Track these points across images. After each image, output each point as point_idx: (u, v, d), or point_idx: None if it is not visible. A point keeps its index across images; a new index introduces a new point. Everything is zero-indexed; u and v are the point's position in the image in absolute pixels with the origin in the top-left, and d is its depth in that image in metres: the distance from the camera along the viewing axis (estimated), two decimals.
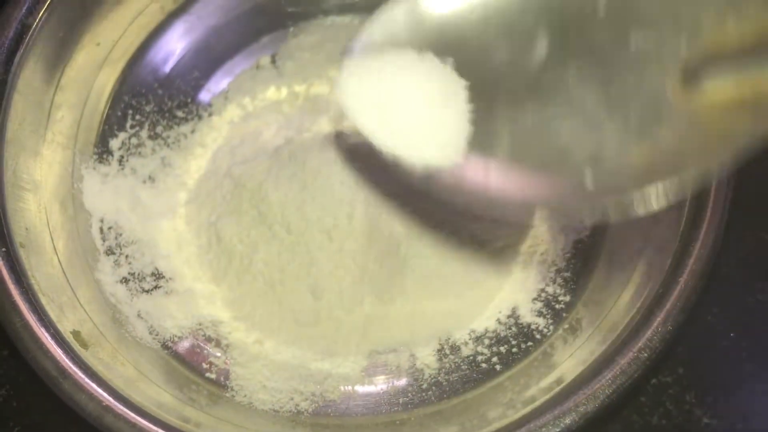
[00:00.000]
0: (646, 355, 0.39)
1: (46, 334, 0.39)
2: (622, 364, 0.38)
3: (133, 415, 0.38)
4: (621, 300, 0.43)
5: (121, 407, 0.38)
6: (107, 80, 0.52)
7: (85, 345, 0.40)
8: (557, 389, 0.40)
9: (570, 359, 0.44)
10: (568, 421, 0.38)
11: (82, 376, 0.38)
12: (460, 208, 0.46)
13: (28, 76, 0.46)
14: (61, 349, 0.39)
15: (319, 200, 0.47)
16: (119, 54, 0.52)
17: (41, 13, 0.46)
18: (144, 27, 0.53)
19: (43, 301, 0.40)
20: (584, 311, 0.46)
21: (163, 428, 0.38)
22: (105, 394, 0.38)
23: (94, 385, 0.38)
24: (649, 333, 0.39)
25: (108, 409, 0.38)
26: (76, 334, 0.41)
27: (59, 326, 0.40)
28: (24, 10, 0.45)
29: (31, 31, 0.46)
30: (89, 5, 0.49)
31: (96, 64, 0.51)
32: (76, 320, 0.42)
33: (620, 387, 0.38)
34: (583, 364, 0.41)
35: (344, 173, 0.48)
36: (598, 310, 0.45)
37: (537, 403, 0.39)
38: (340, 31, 0.57)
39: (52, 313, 0.40)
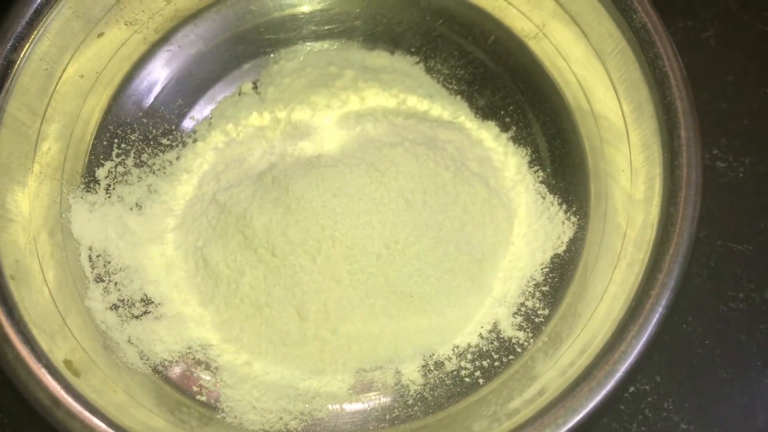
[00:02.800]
0: (622, 366, 0.40)
1: (39, 365, 0.40)
2: (599, 376, 0.40)
3: None
4: (597, 312, 0.45)
5: None
6: (92, 111, 0.53)
7: (76, 373, 0.41)
8: (538, 401, 0.41)
9: (551, 371, 0.45)
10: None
11: (75, 404, 0.39)
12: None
13: (14, 109, 0.47)
14: (54, 379, 0.40)
15: (302, 224, 0.49)
16: (103, 85, 0.53)
17: (25, 48, 0.47)
18: (127, 58, 0.54)
19: (35, 331, 0.41)
20: (562, 324, 0.48)
21: None
22: (97, 421, 0.39)
23: (86, 413, 0.39)
24: (623, 346, 0.40)
25: None
26: (68, 363, 0.42)
27: (51, 356, 0.41)
28: (9, 46, 0.46)
29: (16, 65, 0.47)
30: (72, 40, 0.50)
31: (81, 95, 0.52)
32: (68, 349, 0.43)
33: (598, 399, 0.40)
34: (563, 376, 0.42)
35: (326, 196, 0.49)
36: (576, 323, 0.47)
37: (519, 417, 0.41)
38: (320, 56, 0.58)
39: (44, 343, 0.41)
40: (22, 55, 0.47)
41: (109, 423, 0.39)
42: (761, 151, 0.57)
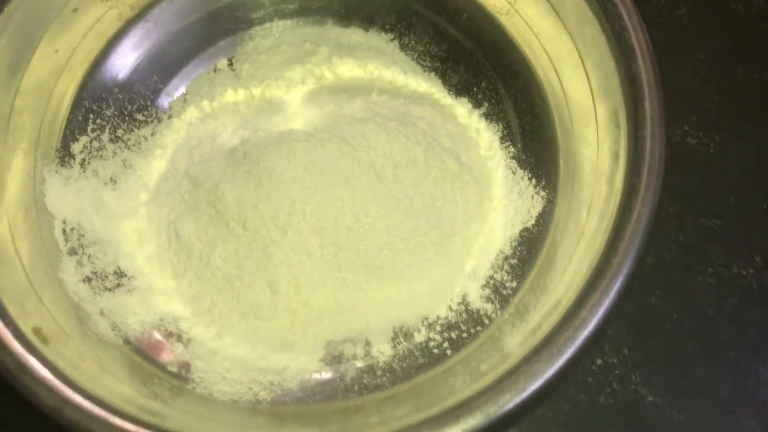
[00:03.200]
0: (581, 334, 0.41)
1: (6, 330, 0.40)
2: (558, 343, 0.40)
3: (91, 406, 0.39)
4: (562, 283, 0.45)
5: (80, 399, 0.39)
6: (67, 86, 0.53)
7: (45, 341, 0.42)
8: (498, 369, 0.41)
9: (517, 342, 0.45)
10: (507, 398, 0.39)
11: (42, 370, 0.39)
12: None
13: None
14: (22, 345, 0.40)
15: (273, 197, 0.49)
16: (78, 60, 0.54)
17: None
18: (102, 34, 0.55)
19: (3, 299, 0.42)
20: (530, 296, 0.48)
21: (122, 418, 0.40)
22: (64, 387, 0.39)
23: (53, 378, 0.39)
24: (583, 313, 0.41)
25: (67, 401, 0.39)
26: (36, 330, 0.42)
27: (20, 323, 0.41)
28: None
29: None
30: (46, 14, 0.50)
31: (55, 70, 0.52)
32: (38, 317, 0.43)
33: (558, 365, 0.40)
34: (527, 344, 0.43)
35: (297, 170, 0.49)
36: (543, 295, 0.47)
37: (479, 384, 0.41)
38: (295, 34, 0.59)
39: (13, 311, 0.42)
40: None
41: (76, 388, 0.40)
42: (732, 127, 0.57)
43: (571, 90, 0.51)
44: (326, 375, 0.49)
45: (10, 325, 0.41)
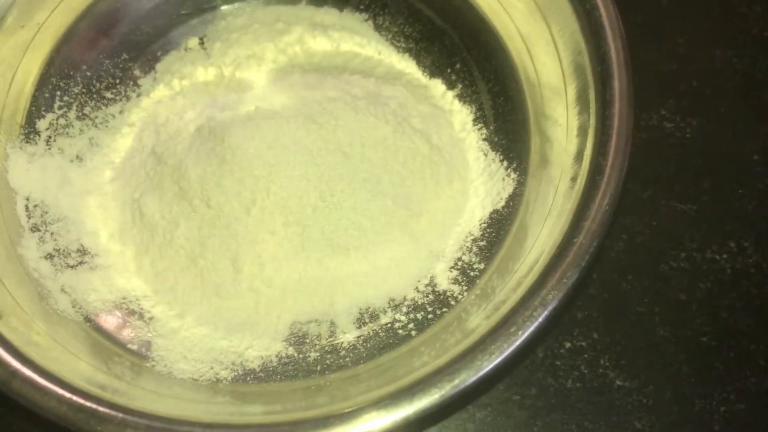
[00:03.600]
0: (541, 312, 0.40)
1: None
2: (518, 321, 0.40)
3: (41, 379, 0.39)
4: (525, 263, 0.45)
5: (29, 372, 0.39)
6: (34, 62, 0.53)
7: None
8: (458, 347, 0.41)
9: (481, 322, 0.45)
10: (464, 376, 0.39)
11: None
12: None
13: None
14: None
15: (237, 175, 0.49)
16: (46, 36, 0.53)
17: None
18: (72, 10, 0.54)
19: None
20: (496, 278, 0.48)
21: (73, 393, 0.39)
22: (12, 360, 0.39)
23: (1, 350, 0.39)
24: (543, 292, 0.40)
25: (15, 374, 0.38)
26: None
27: None
28: None
29: None
30: None
31: (21, 46, 0.52)
32: None
33: (517, 345, 0.40)
34: (488, 322, 0.42)
35: (262, 148, 0.49)
36: (509, 278, 0.46)
37: (440, 360, 0.41)
38: (268, 12, 0.58)
39: None
40: None
41: (24, 361, 0.39)
42: (709, 112, 0.57)
43: (543, 71, 0.51)
44: (289, 355, 0.48)
45: None
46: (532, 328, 0.40)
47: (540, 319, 0.40)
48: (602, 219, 0.42)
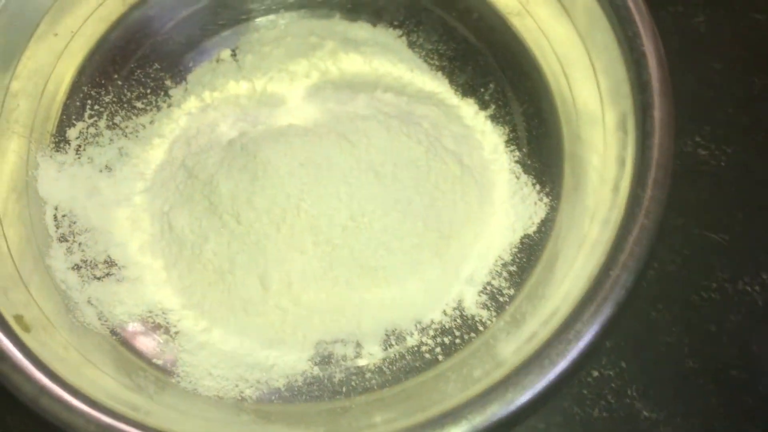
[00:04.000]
0: (575, 347, 0.39)
1: None
2: (551, 355, 0.39)
3: (69, 397, 0.38)
4: (559, 292, 0.44)
5: (58, 389, 0.38)
6: (66, 70, 0.53)
7: (27, 328, 0.41)
8: (490, 377, 0.40)
9: (511, 350, 0.44)
10: (495, 409, 0.38)
11: (20, 357, 0.39)
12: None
13: None
14: (1, 331, 0.39)
15: (268, 191, 0.48)
16: (79, 45, 0.53)
17: None
18: (104, 19, 0.54)
19: None
20: (527, 304, 0.47)
21: (101, 411, 0.39)
22: (41, 376, 0.38)
23: (31, 366, 0.38)
24: (578, 325, 0.39)
25: (44, 390, 0.38)
26: (18, 318, 0.41)
27: (1, 310, 0.40)
28: None
29: None
30: None
31: (54, 53, 0.52)
32: (21, 304, 0.43)
33: (550, 378, 0.39)
34: (520, 354, 0.42)
35: (294, 165, 0.48)
36: (540, 303, 0.46)
37: (470, 391, 0.40)
38: (301, 26, 0.57)
39: None
40: None
41: (54, 378, 0.39)
42: (744, 140, 0.56)
43: (580, 95, 0.50)
44: (314, 375, 0.48)
45: None
46: (566, 362, 0.39)
47: (574, 354, 0.39)
48: (640, 253, 0.41)
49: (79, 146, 0.52)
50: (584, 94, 0.50)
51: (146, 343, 0.48)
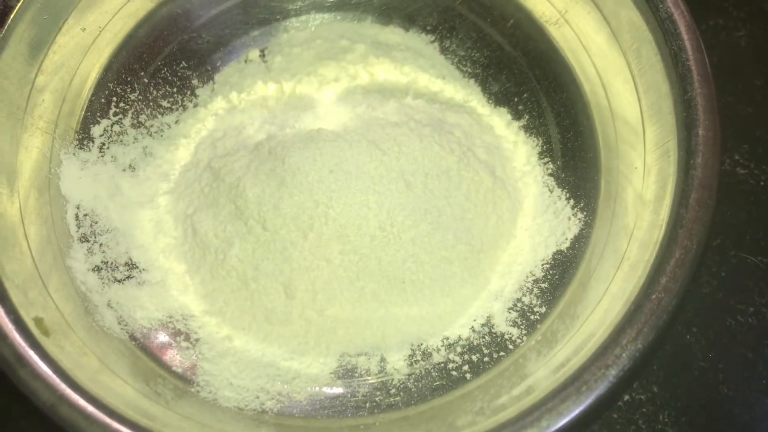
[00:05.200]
0: (613, 372, 0.38)
1: (7, 319, 0.38)
2: (590, 381, 0.38)
3: (88, 406, 0.37)
4: (595, 313, 0.43)
5: (77, 398, 0.37)
6: (92, 66, 0.51)
7: (46, 332, 0.40)
8: (525, 400, 0.39)
9: (542, 370, 0.43)
10: None
11: (40, 363, 0.37)
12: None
13: (9, 57, 0.45)
14: (21, 336, 0.38)
15: (296, 198, 0.47)
16: (106, 41, 0.52)
17: None
18: (132, 15, 0.53)
19: (7, 285, 0.40)
20: (559, 323, 0.46)
21: (119, 422, 0.38)
22: (62, 384, 0.37)
23: (51, 373, 0.37)
24: (617, 350, 0.38)
25: (63, 399, 0.37)
26: (38, 321, 0.40)
27: (21, 311, 0.39)
28: None
29: (15, 12, 0.45)
30: None
31: (81, 49, 0.50)
32: (41, 307, 0.41)
33: (586, 404, 0.37)
34: (553, 376, 0.40)
35: (323, 172, 0.47)
36: (573, 323, 0.44)
37: (503, 415, 0.39)
38: (332, 28, 0.56)
39: (15, 299, 0.40)
40: (21, 2, 0.45)
41: (74, 386, 0.37)
42: None
43: (619, 109, 0.48)
44: (337, 389, 0.46)
45: (12, 313, 0.39)
46: (603, 389, 0.38)
47: (612, 380, 0.38)
48: (682, 275, 0.39)
49: (103, 144, 0.51)
50: (624, 108, 0.48)
51: (166, 350, 0.47)
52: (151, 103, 0.53)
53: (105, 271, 0.48)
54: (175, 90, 0.54)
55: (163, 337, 0.47)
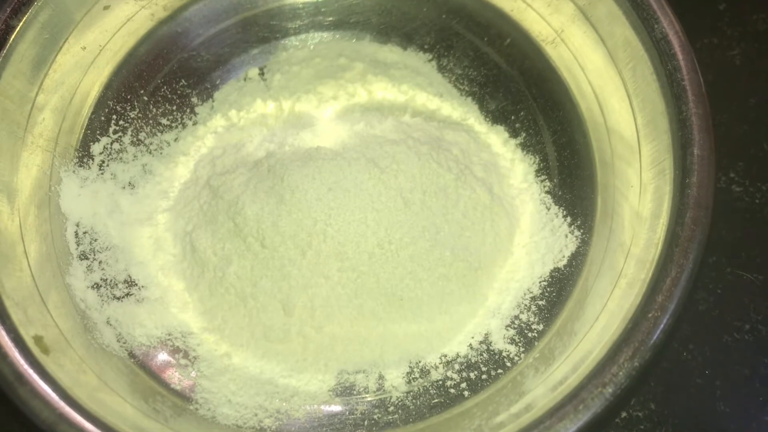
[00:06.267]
0: (610, 390, 0.38)
1: (7, 338, 0.38)
2: (587, 398, 0.38)
3: (88, 424, 0.37)
4: (592, 331, 0.43)
5: (77, 416, 0.37)
6: (92, 84, 0.52)
7: (46, 350, 0.40)
8: (523, 418, 0.39)
9: (540, 387, 0.43)
10: None
11: (40, 382, 0.38)
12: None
13: (10, 76, 0.46)
14: (21, 354, 0.38)
15: (294, 215, 0.47)
16: (106, 59, 0.52)
17: (27, 14, 0.46)
18: (132, 33, 0.53)
19: (7, 303, 0.40)
20: (557, 341, 0.46)
21: None
22: (61, 402, 0.37)
23: (50, 392, 0.37)
24: (615, 368, 0.38)
25: (63, 417, 0.37)
26: (38, 339, 0.40)
27: (21, 330, 0.39)
28: (9, 11, 0.45)
29: (16, 31, 0.45)
30: (76, 10, 0.48)
31: (81, 68, 0.51)
32: (41, 325, 0.42)
33: (584, 421, 0.38)
34: (551, 394, 0.40)
35: (322, 189, 0.47)
36: (571, 341, 0.45)
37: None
38: (331, 47, 0.57)
39: (15, 317, 0.40)
40: (23, 22, 0.46)
41: (74, 405, 0.38)
42: None
43: (615, 127, 0.49)
44: (335, 407, 0.47)
45: (12, 332, 0.39)
46: (600, 407, 0.38)
47: (609, 397, 0.38)
48: (679, 294, 0.40)
49: (103, 162, 0.52)
50: (620, 126, 0.48)
51: (164, 367, 0.47)
52: (150, 121, 0.54)
53: (104, 288, 0.48)
54: (174, 108, 0.54)
55: (161, 355, 0.47)
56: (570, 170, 0.52)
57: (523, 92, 0.54)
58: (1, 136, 0.45)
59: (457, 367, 0.47)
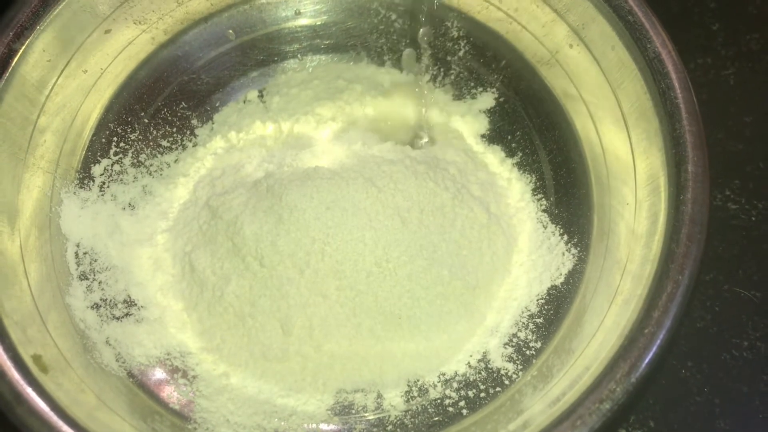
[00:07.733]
0: (608, 406, 0.38)
1: (5, 357, 0.38)
2: (584, 415, 0.38)
3: None
4: (590, 348, 0.43)
5: None
6: (93, 107, 0.52)
7: (45, 369, 0.40)
8: None
9: (538, 405, 0.43)
10: None
11: (38, 401, 0.38)
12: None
13: (12, 99, 0.46)
14: (19, 373, 0.38)
15: (293, 235, 0.48)
16: (107, 82, 0.53)
17: (29, 38, 0.46)
18: (133, 57, 0.54)
19: (6, 323, 0.40)
20: (554, 358, 0.46)
21: None
22: (59, 421, 0.37)
23: (49, 411, 0.37)
24: (611, 384, 0.38)
25: None
26: (36, 358, 0.40)
27: (20, 348, 0.39)
28: (12, 35, 0.46)
29: (18, 55, 0.46)
30: (78, 34, 0.49)
31: (82, 90, 0.51)
32: (40, 344, 0.42)
33: None
34: (549, 411, 0.40)
35: (320, 209, 0.48)
36: (568, 358, 0.45)
37: None
38: (329, 69, 0.57)
39: (14, 336, 0.40)
40: (25, 45, 0.47)
41: (73, 425, 0.38)
42: None
43: (610, 146, 0.49)
44: (334, 426, 0.47)
45: (10, 351, 0.39)
46: (597, 423, 0.38)
47: (606, 414, 0.38)
48: (675, 310, 0.40)
49: (103, 183, 0.52)
50: (615, 145, 0.49)
51: (163, 387, 0.47)
52: (151, 143, 0.54)
53: (104, 308, 0.48)
54: (174, 130, 0.55)
55: (160, 374, 0.47)
56: (566, 189, 0.52)
57: (519, 112, 0.55)
58: (3, 158, 0.45)
59: (455, 385, 0.47)
